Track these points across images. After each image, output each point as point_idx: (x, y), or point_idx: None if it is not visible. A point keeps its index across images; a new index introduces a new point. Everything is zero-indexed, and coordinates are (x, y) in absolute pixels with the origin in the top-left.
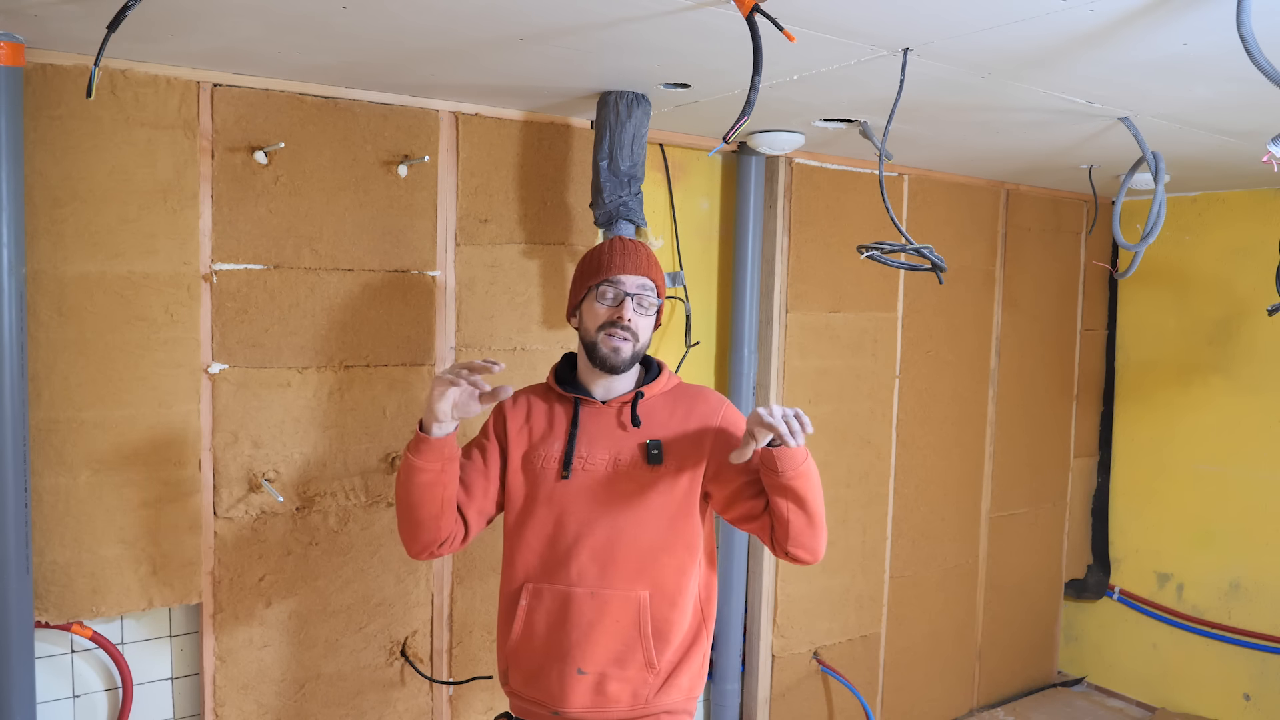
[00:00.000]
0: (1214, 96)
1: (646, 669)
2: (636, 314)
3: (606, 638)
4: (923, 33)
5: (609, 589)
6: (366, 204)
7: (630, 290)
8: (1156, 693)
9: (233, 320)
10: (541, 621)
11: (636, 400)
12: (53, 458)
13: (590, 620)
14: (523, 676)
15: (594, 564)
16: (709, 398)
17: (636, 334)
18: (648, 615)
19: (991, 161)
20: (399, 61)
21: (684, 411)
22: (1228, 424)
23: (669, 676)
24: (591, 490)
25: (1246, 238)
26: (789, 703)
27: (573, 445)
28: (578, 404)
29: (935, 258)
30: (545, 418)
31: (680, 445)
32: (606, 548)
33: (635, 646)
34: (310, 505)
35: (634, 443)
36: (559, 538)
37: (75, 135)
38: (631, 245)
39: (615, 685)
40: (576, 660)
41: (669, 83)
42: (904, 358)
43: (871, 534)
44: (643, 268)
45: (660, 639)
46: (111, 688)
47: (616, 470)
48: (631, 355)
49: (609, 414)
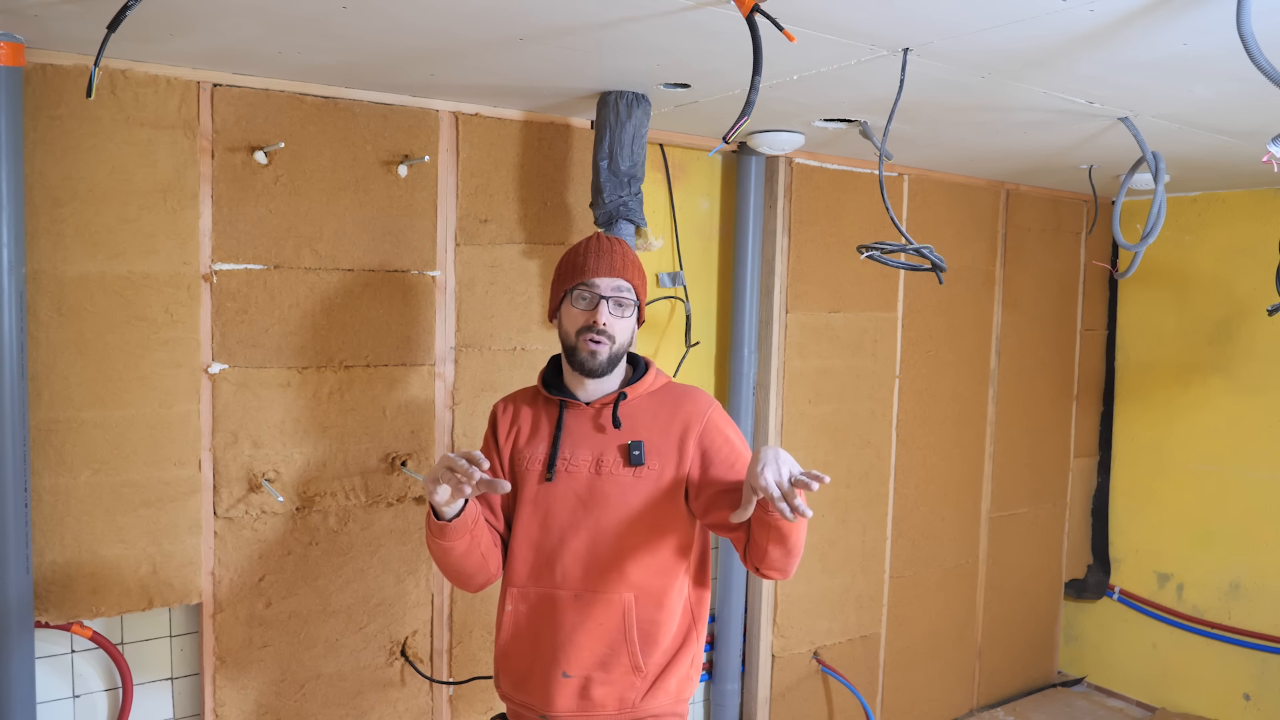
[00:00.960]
0: (1214, 96)
1: (633, 672)
2: (612, 316)
3: (591, 640)
4: (923, 33)
5: (592, 591)
6: (366, 204)
7: (605, 293)
8: (1156, 693)
9: (233, 320)
10: (528, 625)
11: (618, 401)
12: (53, 458)
13: (574, 623)
14: (512, 680)
15: (577, 566)
16: (696, 398)
17: (613, 337)
18: (633, 618)
19: (991, 161)
20: (399, 61)
21: (669, 412)
22: (1228, 424)
23: (656, 679)
24: (575, 492)
25: (1246, 238)
26: (789, 703)
27: (556, 448)
28: (562, 406)
29: (935, 258)
30: (531, 421)
31: (663, 446)
32: (589, 550)
33: (620, 650)
34: (310, 505)
35: (615, 444)
36: (544, 540)
37: (75, 135)
38: (607, 245)
39: (600, 689)
40: (561, 664)
41: (669, 83)
42: (904, 358)
43: (871, 534)
44: (617, 269)
45: (647, 641)
46: (111, 688)
47: (599, 472)
48: (609, 358)
49: (592, 416)
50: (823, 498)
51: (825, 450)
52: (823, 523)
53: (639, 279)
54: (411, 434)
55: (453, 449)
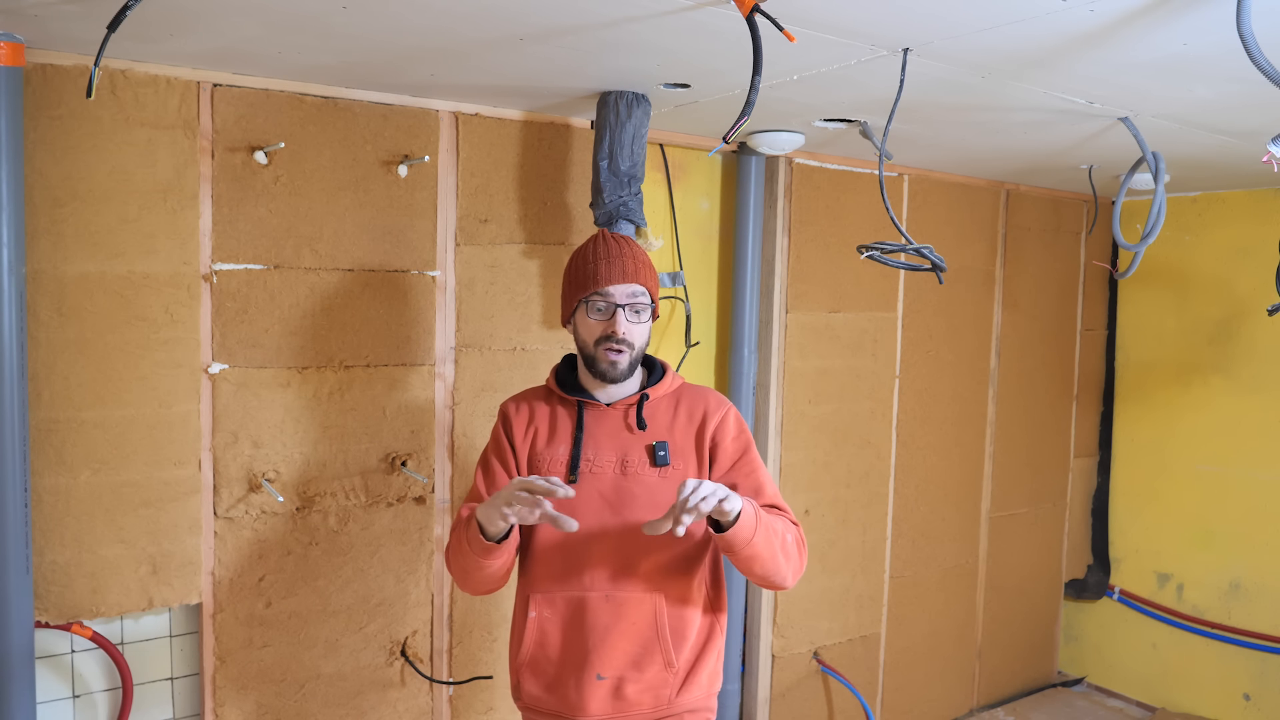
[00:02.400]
0: (1214, 96)
1: (666, 669)
2: (630, 323)
3: (624, 641)
4: (923, 33)
5: (623, 592)
6: (366, 204)
7: (621, 301)
8: (1156, 693)
9: (233, 320)
10: (555, 630)
11: (642, 402)
12: (53, 458)
13: (606, 624)
14: (539, 687)
15: (607, 567)
16: (712, 399)
17: (632, 344)
18: (664, 616)
19: (991, 161)
20: (399, 61)
21: (687, 413)
22: (1228, 424)
23: (688, 674)
24: (600, 493)
25: (1246, 238)
26: (789, 703)
27: (579, 449)
28: (581, 407)
29: (935, 258)
30: (548, 421)
31: (684, 446)
32: (618, 551)
33: (654, 648)
34: (310, 505)
35: (640, 445)
36: (569, 543)
37: (75, 135)
38: (617, 249)
39: (634, 688)
40: (595, 666)
41: (669, 83)
42: (904, 358)
43: (871, 534)
44: (629, 274)
45: (677, 638)
46: (111, 688)
47: (624, 472)
48: (629, 364)
49: (614, 416)
50: (823, 498)
51: (825, 450)
52: (823, 523)
53: (652, 279)
54: (411, 434)
55: (452, 449)
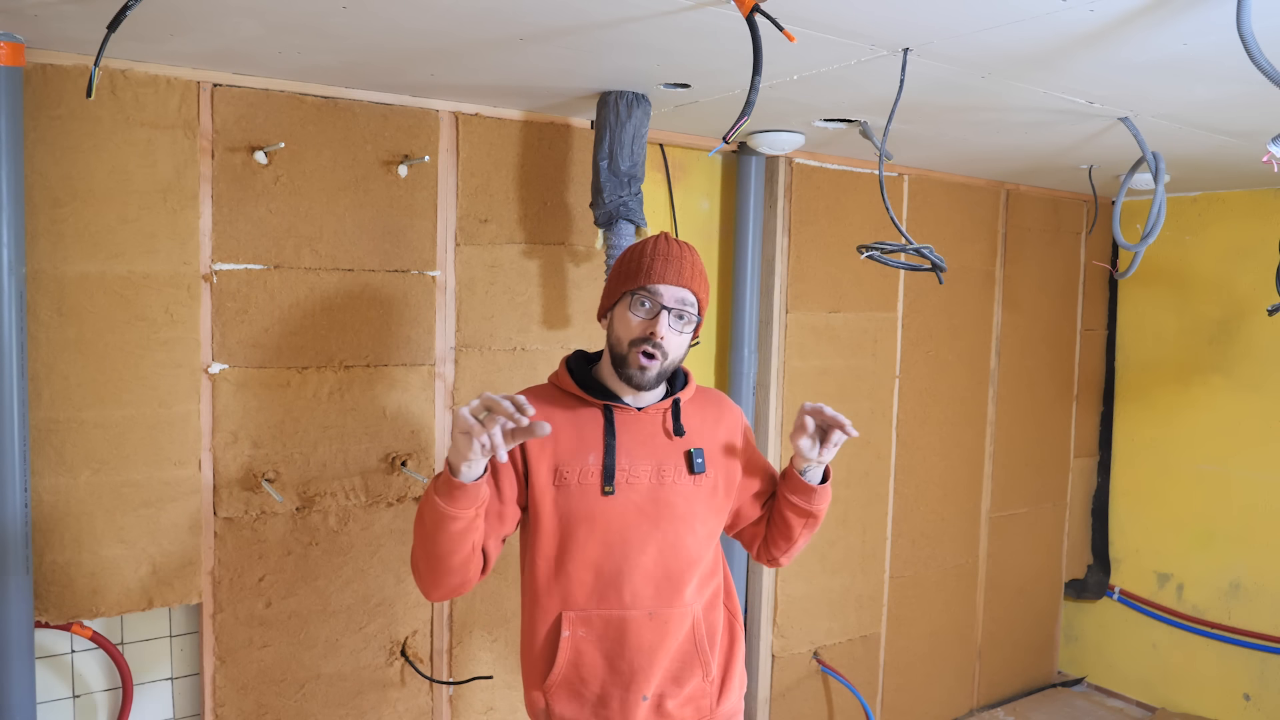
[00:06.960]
0: (1214, 96)
1: (704, 680)
2: (671, 330)
3: (667, 658)
4: (923, 33)
5: (667, 608)
6: (366, 204)
7: (668, 303)
8: (1156, 693)
9: (233, 320)
10: (593, 649)
11: (676, 406)
12: (53, 458)
13: (652, 644)
14: (576, 710)
15: (649, 584)
16: (728, 404)
17: (667, 352)
18: (701, 626)
19: (991, 161)
20: (399, 61)
21: (713, 418)
22: (1228, 424)
23: (723, 681)
24: (638, 505)
25: (1246, 238)
26: (789, 703)
27: (613, 457)
28: (608, 411)
29: (935, 258)
30: (572, 427)
31: (713, 451)
32: (659, 565)
33: (693, 661)
34: (310, 505)
35: (677, 452)
36: (606, 559)
37: (75, 135)
38: (676, 250)
39: (674, 703)
40: (641, 687)
41: (669, 83)
42: (904, 358)
43: (871, 534)
44: (684, 278)
45: (711, 644)
46: (111, 688)
47: (661, 482)
48: (658, 375)
49: (648, 422)
50: None
51: None
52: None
53: (704, 291)
54: (411, 434)
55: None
